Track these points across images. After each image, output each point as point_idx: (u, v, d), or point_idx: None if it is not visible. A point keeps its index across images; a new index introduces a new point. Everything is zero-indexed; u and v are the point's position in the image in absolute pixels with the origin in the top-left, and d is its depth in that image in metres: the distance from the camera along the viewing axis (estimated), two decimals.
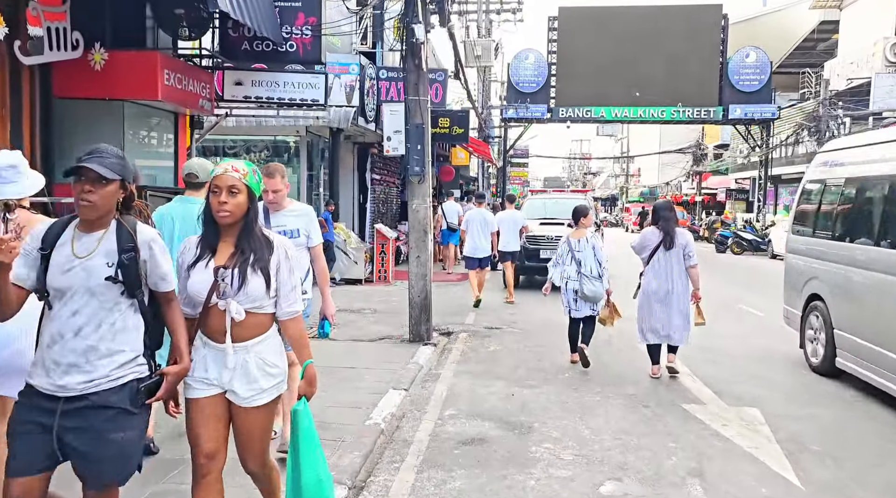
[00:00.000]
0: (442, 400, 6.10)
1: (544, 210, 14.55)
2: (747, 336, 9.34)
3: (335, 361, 7.23)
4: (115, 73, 7.69)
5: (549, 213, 14.39)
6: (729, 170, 37.97)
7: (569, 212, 14.41)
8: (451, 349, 8.26)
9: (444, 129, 17.42)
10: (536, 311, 11.16)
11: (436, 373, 7.12)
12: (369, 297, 12.28)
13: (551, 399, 6.17)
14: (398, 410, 5.74)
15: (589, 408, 5.93)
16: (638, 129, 51.13)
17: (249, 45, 9.17)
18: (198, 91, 8.71)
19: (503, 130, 32.48)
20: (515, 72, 29.99)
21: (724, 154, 40.58)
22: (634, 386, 6.68)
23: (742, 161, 33.45)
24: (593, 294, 7.18)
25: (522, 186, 52.94)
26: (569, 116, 30.40)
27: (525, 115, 30.10)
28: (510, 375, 7.05)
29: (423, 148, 8.71)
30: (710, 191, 40.83)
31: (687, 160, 43.75)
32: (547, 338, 8.96)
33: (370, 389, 6.24)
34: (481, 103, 27.45)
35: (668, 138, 48.19)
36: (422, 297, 8.64)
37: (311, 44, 9.18)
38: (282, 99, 9.55)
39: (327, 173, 15.63)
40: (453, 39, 16.15)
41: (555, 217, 14.15)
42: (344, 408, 5.61)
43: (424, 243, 8.77)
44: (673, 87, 28.97)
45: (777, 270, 20.60)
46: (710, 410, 5.89)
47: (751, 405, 6.05)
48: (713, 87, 29.15)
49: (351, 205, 17.67)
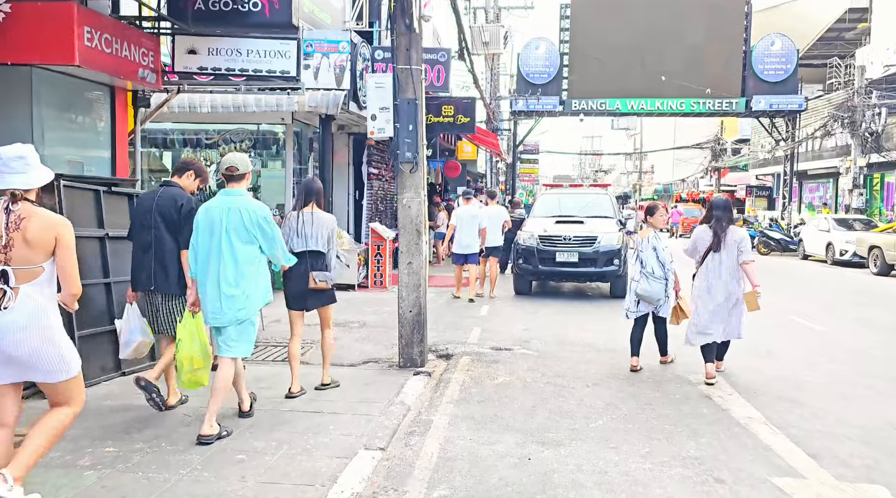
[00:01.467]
0: (430, 469, 4.29)
1: (559, 207, 12.74)
2: (817, 361, 7.46)
3: (298, 401, 5.45)
4: (20, 30, 5.94)
5: (565, 210, 12.58)
6: (749, 165, 35.93)
7: (587, 209, 12.67)
8: (448, 380, 6.45)
9: (447, 118, 15.60)
10: (552, 325, 9.34)
11: (426, 418, 5.31)
12: (360, 306, 10.51)
13: (583, 467, 4.35)
14: (366, 488, 3.95)
15: (639, 483, 4.11)
16: (652, 124, 49.15)
17: (204, 2, 7.40)
18: (136, 59, 6.95)
19: (513, 124, 30.64)
20: (525, 62, 28.15)
21: (742, 149, 38.52)
22: (695, 441, 4.85)
23: (765, 156, 31.39)
24: (647, 294, 6.70)
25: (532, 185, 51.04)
26: (582, 109, 28.50)
27: (536, 107, 28.24)
28: (525, 422, 5.23)
29: (416, 129, 6.89)
30: (728, 188, 38.78)
31: (705, 156, 41.69)
32: (569, 363, 7.15)
33: (335, 446, 4.48)
34: (490, 93, 25.56)
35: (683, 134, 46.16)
36: (414, 311, 6.85)
37: (279, 1, 7.39)
38: (245, 70, 7.77)
39: (318, 167, 13.86)
40: (457, 13, 14.30)
41: (572, 214, 12.32)
42: (289, 485, 3.84)
43: (418, 247, 6.97)
44: (693, 78, 27.08)
45: (816, 272, 18.23)
46: (814, 490, 4.06)
47: (871, 480, 4.22)
48: (735, 78, 27.21)
49: (345, 202, 15.89)
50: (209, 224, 4.52)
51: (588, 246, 11.28)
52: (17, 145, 3.33)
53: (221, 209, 4.49)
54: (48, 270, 3.31)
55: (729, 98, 27.31)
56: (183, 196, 4.92)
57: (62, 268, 3.34)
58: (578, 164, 75.93)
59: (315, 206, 5.47)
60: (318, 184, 5.58)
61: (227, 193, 4.58)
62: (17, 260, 3.23)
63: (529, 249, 11.62)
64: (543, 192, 13.43)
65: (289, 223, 5.39)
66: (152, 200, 4.93)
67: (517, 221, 14.93)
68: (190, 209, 4.82)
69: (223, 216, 4.47)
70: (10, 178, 3.25)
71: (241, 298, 4.50)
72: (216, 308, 4.50)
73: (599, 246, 11.25)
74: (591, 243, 11.28)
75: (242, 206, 4.52)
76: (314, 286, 5.36)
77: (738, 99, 27.17)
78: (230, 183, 4.62)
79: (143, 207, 4.97)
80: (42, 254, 3.28)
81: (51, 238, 3.28)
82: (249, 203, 4.57)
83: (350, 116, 13.77)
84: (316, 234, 5.35)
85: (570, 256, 11.30)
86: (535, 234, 11.66)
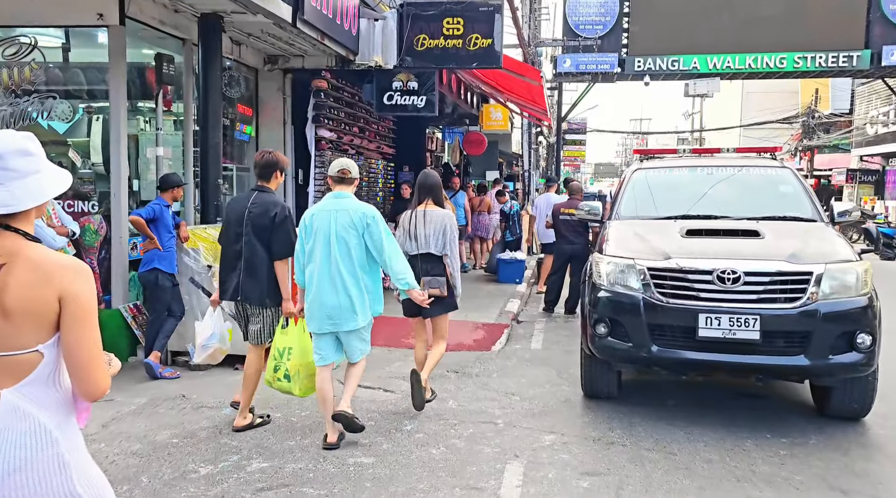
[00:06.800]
0: None
1: (685, 197, 5.44)
2: None
3: None
4: None
5: (705, 205, 5.32)
6: (852, 145, 27.88)
7: (747, 202, 5.18)
8: None
9: (453, 39, 8.48)
10: None
11: None
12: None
13: None
14: None
15: None
16: (714, 100, 41.11)
17: None
18: None
19: (557, 92, 23.25)
20: (574, 10, 20.73)
21: (836, 123, 30.34)
22: None
23: (883, 131, 23.38)
24: None
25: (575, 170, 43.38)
26: (647, 69, 21.01)
27: (587, 68, 20.97)
28: None
29: None
30: (822, 172, 30.75)
31: (791, 134, 33.53)
32: None
33: None
34: (528, 35, 18.20)
35: (751, 109, 38.08)
36: None
37: None
38: None
39: (198, 122, 6.89)
40: None
41: (725, 214, 5.14)
42: None
43: None
44: (795, 26, 19.52)
45: None
46: None
47: None
48: (857, 25, 19.42)
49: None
50: (317, 229, 4.23)
51: (788, 297, 4.15)
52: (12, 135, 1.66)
53: (330, 212, 4.22)
54: (49, 355, 1.67)
55: (848, 51, 19.57)
56: (277, 204, 4.47)
57: (73, 353, 1.66)
58: (623, 151, 67.50)
59: (432, 202, 4.92)
60: (434, 177, 5.11)
61: (336, 196, 4.32)
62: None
63: (625, 301, 4.50)
64: (641, 168, 6.07)
65: (402, 224, 4.96)
66: (244, 207, 4.46)
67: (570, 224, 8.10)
68: (284, 217, 4.41)
69: (332, 220, 4.20)
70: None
71: (357, 303, 4.19)
72: (332, 314, 4.18)
73: (819, 298, 4.09)
74: (797, 291, 4.13)
75: (351, 209, 4.24)
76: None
77: (860, 51, 19.42)
78: (339, 185, 4.35)
79: (234, 214, 4.52)
80: (34, 327, 1.64)
81: (49, 298, 1.64)
82: (358, 205, 4.30)
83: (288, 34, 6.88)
84: (430, 235, 4.83)
85: (736, 324, 4.14)
86: (637, 266, 4.51)
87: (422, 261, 4.82)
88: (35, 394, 1.64)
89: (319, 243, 4.18)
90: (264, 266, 4.43)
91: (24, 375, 1.63)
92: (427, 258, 4.84)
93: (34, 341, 1.63)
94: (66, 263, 1.68)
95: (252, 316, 4.54)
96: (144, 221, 5.69)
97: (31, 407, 1.63)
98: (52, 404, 1.67)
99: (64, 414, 1.69)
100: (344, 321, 4.18)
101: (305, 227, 4.27)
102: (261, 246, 4.40)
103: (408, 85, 8.94)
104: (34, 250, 1.66)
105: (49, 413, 1.65)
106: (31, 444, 1.63)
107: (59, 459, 1.65)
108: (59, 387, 1.69)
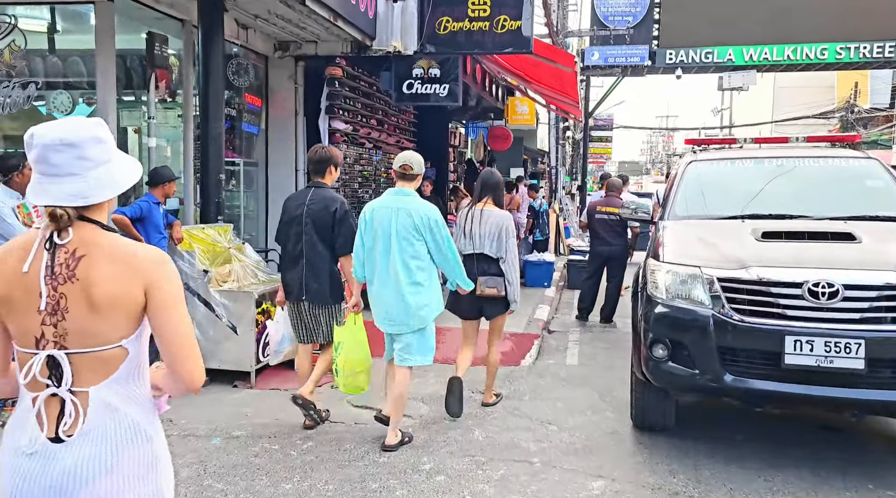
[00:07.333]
0: None
1: (758, 195, 4.59)
2: None
3: None
4: None
5: (777, 203, 4.48)
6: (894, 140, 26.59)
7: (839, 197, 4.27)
8: None
9: (479, 22, 7.70)
10: None
11: None
12: None
13: None
14: None
15: None
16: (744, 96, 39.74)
17: None
18: None
19: (585, 86, 22.34)
20: (602, 0, 19.99)
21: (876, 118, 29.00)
22: None
23: None
24: None
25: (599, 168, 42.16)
26: (679, 62, 20.11)
27: (616, 61, 20.12)
28: None
29: None
30: None
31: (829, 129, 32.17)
32: None
33: None
34: (557, 22, 17.34)
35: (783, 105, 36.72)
36: None
37: None
38: None
39: (199, 110, 6.20)
40: None
41: (802, 214, 4.31)
42: None
43: None
44: (837, 15, 18.46)
45: None
46: None
47: None
48: None
49: (290, 183, 8.24)
50: (378, 226, 4.11)
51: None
52: (70, 122, 1.58)
53: (390, 210, 4.10)
54: (133, 350, 1.63)
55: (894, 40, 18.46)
56: (337, 200, 4.38)
57: (168, 340, 1.63)
58: (648, 149, 65.92)
59: (491, 202, 4.79)
60: (497, 176, 4.98)
61: (396, 193, 4.18)
62: (77, 336, 1.57)
63: (690, 318, 3.69)
64: (696, 159, 5.22)
65: (459, 222, 4.85)
66: (303, 204, 4.37)
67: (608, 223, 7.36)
68: (345, 212, 4.34)
69: (392, 217, 4.07)
70: (53, 186, 1.57)
71: (415, 305, 4.07)
72: (391, 314, 4.11)
73: None
74: None
75: (413, 208, 4.10)
76: (480, 293, 4.61)
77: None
78: (401, 181, 4.22)
79: (292, 212, 4.42)
80: (120, 320, 1.60)
81: (135, 289, 1.59)
82: (420, 204, 4.15)
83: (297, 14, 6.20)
84: (484, 235, 4.69)
85: (834, 350, 3.31)
86: (704, 275, 3.70)
87: (478, 260, 4.69)
88: (123, 390, 1.62)
89: (379, 242, 4.10)
90: (325, 263, 4.38)
91: (112, 371, 1.60)
92: (483, 258, 4.70)
93: (118, 336, 1.59)
94: (147, 252, 1.64)
95: (312, 315, 4.46)
96: (129, 221, 5.00)
97: (122, 403, 1.60)
98: (140, 401, 1.64)
99: (151, 410, 1.67)
100: (400, 323, 4.11)
101: (365, 223, 4.17)
102: (322, 243, 4.35)
103: (429, 72, 8.16)
104: (113, 240, 1.61)
105: (140, 411, 1.63)
106: (126, 441, 1.59)
107: (153, 456, 1.64)
108: (143, 382, 1.66)
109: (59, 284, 1.55)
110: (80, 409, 1.56)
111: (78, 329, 1.56)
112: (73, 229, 1.58)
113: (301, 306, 4.48)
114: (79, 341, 1.56)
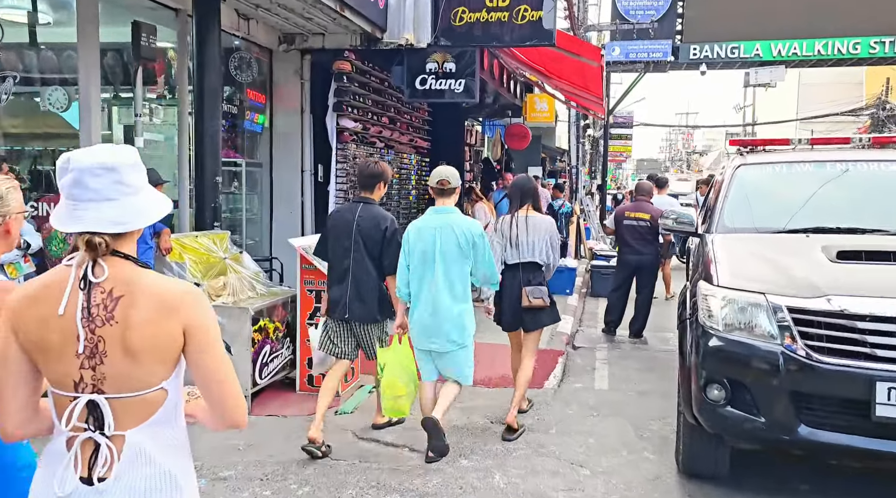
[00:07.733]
0: None
1: (823, 205, 3.95)
2: None
3: None
4: None
5: (847, 214, 3.85)
6: None
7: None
8: None
9: (497, 12, 7.10)
10: None
11: None
12: None
13: None
14: None
15: None
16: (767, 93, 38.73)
17: None
18: None
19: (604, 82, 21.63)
20: None
21: None
22: None
23: None
24: None
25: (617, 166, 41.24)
26: (704, 57, 19.37)
27: (638, 57, 19.42)
28: None
29: None
30: None
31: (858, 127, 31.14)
32: None
33: None
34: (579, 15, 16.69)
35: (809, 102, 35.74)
36: None
37: None
38: None
39: (194, 108, 5.67)
40: None
41: (878, 227, 3.68)
42: None
43: None
44: (870, 8, 17.68)
45: None
46: None
47: None
48: None
49: (296, 187, 7.69)
50: (422, 245, 4.11)
51: None
52: (107, 147, 1.58)
53: (434, 228, 4.10)
54: (172, 392, 1.58)
55: None
56: (387, 218, 4.31)
57: (209, 379, 1.59)
58: (667, 147, 64.72)
59: (531, 208, 4.75)
60: (532, 181, 5.03)
61: (437, 211, 4.20)
62: (116, 380, 1.52)
63: (754, 355, 3.07)
64: (747, 163, 4.57)
65: (500, 230, 4.72)
66: (351, 221, 4.27)
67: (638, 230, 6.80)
68: (395, 230, 4.28)
69: (437, 236, 4.08)
70: (88, 213, 1.50)
71: (460, 323, 4.11)
72: (438, 333, 4.09)
73: None
74: None
75: (455, 224, 4.12)
76: (528, 304, 4.54)
77: None
78: (440, 198, 4.20)
79: (340, 228, 4.32)
80: (159, 363, 1.55)
81: (175, 332, 1.54)
82: (462, 220, 4.18)
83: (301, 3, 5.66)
84: (532, 243, 4.61)
85: None
86: (771, 303, 3.07)
87: (523, 270, 4.60)
88: (159, 434, 1.56)
89: (423, 263, 4.10)
90: (373, 282, 4.31)
91: (151, 413, 1.54)
92: (529, 267, 4.62)
93: (159, 379, 1.54)
94: (185, 290, 1.57)
95: (355, 334, 4.40)
96: None
97: (156, 450, 1.55)
98: (175, 446, 1.59)
99: (185, 456, 1.61)
100: (446, 341, 4.10)
101: (409, 242, 4.16)
102: (370, 261, 4.28)
103: (444, 67, 7.59)
104: (150, 278, 1.55)
105: (173, 457, 1.57)
106: (156, 492, 1.54)
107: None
108: (179, 421, 1.61)
109: (97, 326, 1.49)
110: (115, 453, 1.51)
111: (117, 373, 1.50)
112: (107, 266, 1.50)
113: (348, 325, 4.40)
114: (118, 385, 1.51)
